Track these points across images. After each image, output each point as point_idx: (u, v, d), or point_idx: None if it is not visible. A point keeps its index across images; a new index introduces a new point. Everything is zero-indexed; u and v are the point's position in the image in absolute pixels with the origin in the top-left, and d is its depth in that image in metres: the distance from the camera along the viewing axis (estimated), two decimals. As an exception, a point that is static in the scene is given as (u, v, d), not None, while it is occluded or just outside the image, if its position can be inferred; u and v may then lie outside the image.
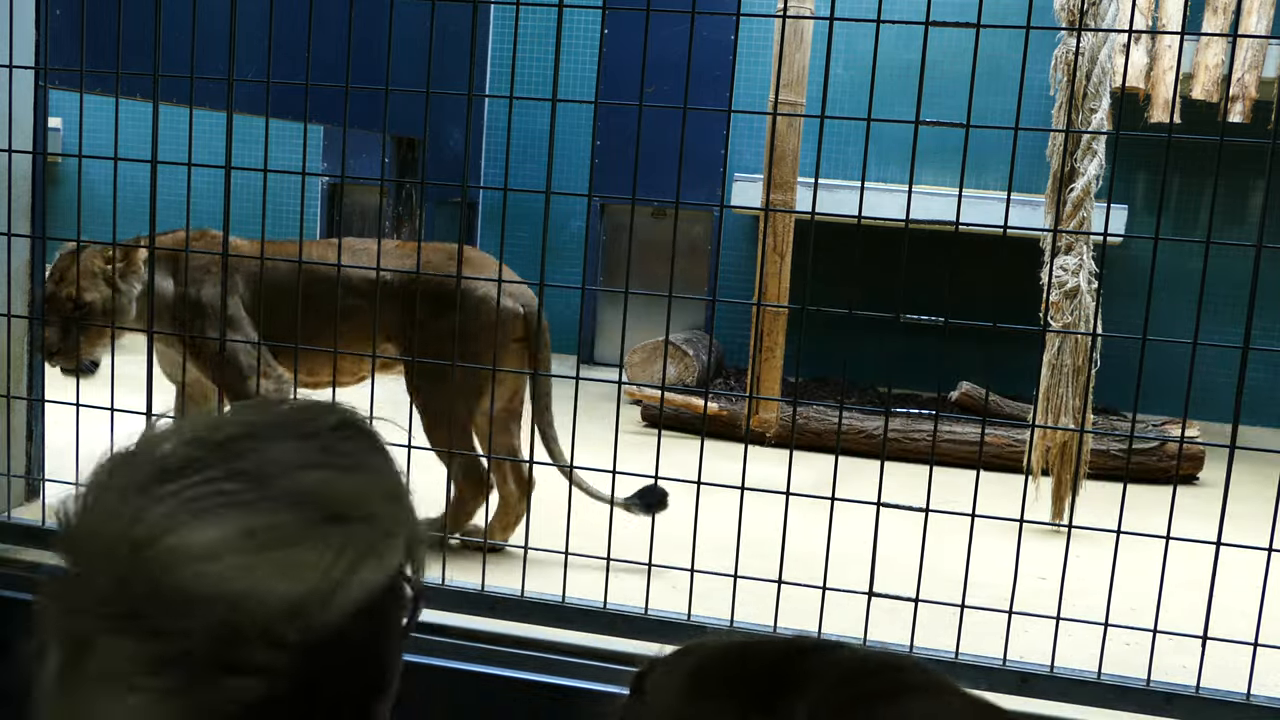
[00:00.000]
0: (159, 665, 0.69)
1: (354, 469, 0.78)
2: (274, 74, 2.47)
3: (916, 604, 2.29)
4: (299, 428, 0.80)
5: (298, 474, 0.75)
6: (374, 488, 0.79)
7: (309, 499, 0.74)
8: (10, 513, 3.10)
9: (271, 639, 0.69)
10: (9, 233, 3.16)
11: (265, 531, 0.71)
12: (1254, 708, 2.24)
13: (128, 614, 0.70)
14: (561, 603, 2.47)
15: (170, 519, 0.72)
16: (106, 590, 0.71)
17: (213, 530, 0.71)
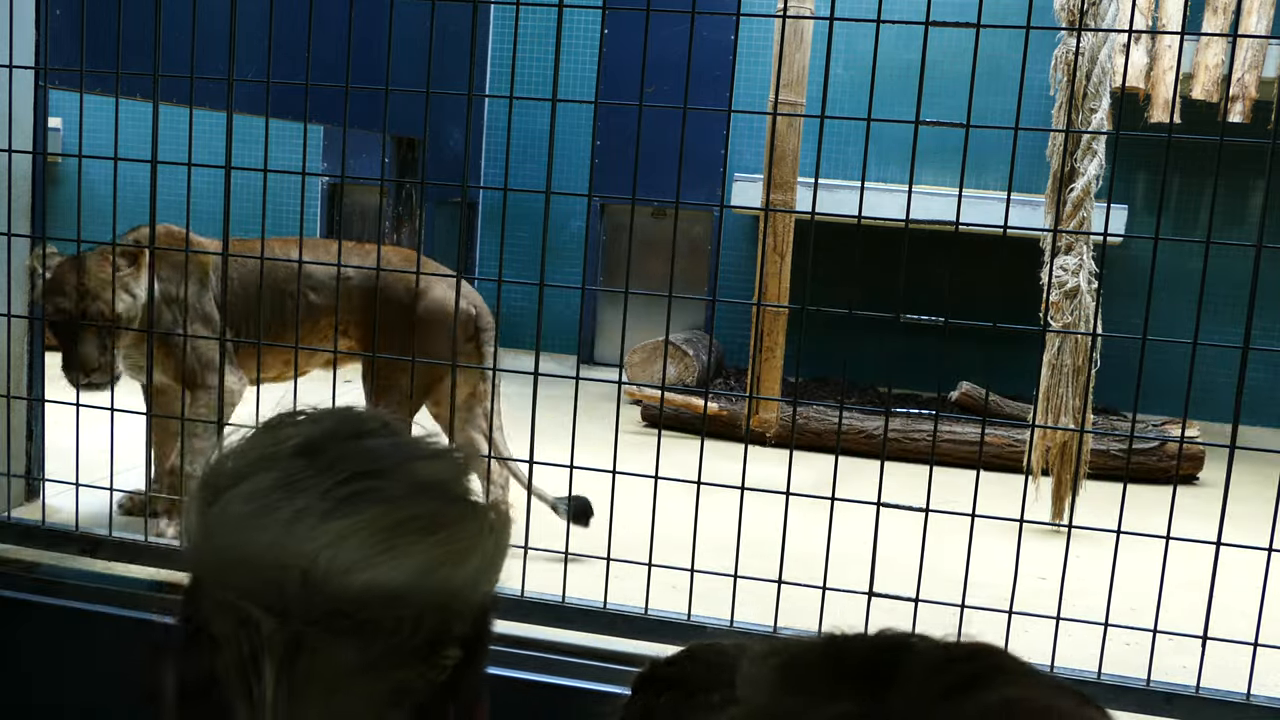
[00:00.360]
0: (384, 656, 0.75)
1: (438, 456, 0.84)
2: (274, 74, 2.47)
3: (916, 604, 2.29)
4: (361, 425, 0.85)
5: (406, 465, 0.81)
6: (460, 471, 0.85)
7: (427, 486, 0.80)
8: (10, 513, 3.10)
9: (459, 613, 0.77)
10: (9, 233, 3.16)
11: (412, 521, 0.77)
12: (1254, 708, 2.24)
13: (331, 618, 0.74)
14: (561, 603, 2.47)
15: (316, 535, 0.75)
16: (298, 601, 0.75)
17: (361, 534, 0.75)
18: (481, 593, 0.80)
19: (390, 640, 0.74)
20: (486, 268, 9.78)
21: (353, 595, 0.74)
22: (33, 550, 2.70)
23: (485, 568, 0.80)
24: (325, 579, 0.74)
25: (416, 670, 0.75)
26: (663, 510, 2.53)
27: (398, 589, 0.74)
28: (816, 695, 0.61)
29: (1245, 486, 2.76)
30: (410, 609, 0.75)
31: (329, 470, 0.79)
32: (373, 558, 0.74)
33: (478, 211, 9.95)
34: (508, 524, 0.84)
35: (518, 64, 2.43)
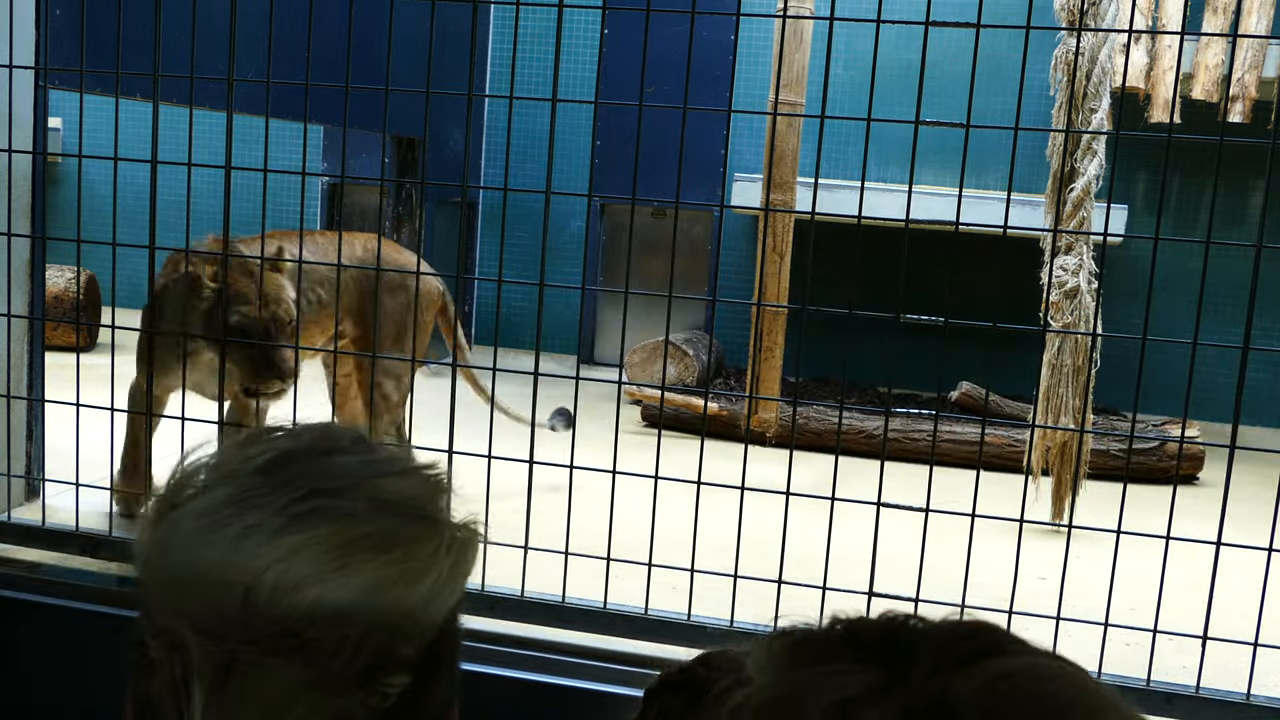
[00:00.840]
0: (323, 679, 0.72)
1: (407, 473, 0.81)
2: (274, 74, 2.47)
3: (917, 604, 2.29)
4: (333, 443, 0.83)
5: (370, 482, 0.78)
6: (433, 488, 0.82)
7: (389, 503, 0.77)
8: (10, 513, 3.10)
9: (409, 635, 0.74)
10: (9, 233, 3.16)
11: (365, 539, 0.74)
12: (1254, 708, 2.24)
13: (274, 639, 0.72)
14: (561, 603, 2.47)
15: (264, 551, 0.73)
16: (238, 622, 0.73)
17: (313, 550, 0.73)
18: (436, 614, 0.76)
19: (330, 662, 0.71)
20: (486, 268, 9.78)
21: (299, 613, 0.72)
22: (33, 550, 2.71)
23: (440, 589, 0.76)
24: (271, 596, 0.72)
25: (356, 696, 0.72)
26: (663, 510, 2.53)
27: (345, 607, 0.72)
28: (836, 668, 0.63)
29: (1245, 486, 2.76)
30: (356, 628, 0.72)
31: (286, 487, 0.77)
32: (322, 575, 0.72)
33: (478, 211, 9.95)
34: (471, 544, 0.80)
35: (518, 64, 2.43)
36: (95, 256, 8.03)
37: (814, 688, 0.62)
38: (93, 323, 8.21)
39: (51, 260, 8.48)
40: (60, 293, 8.00)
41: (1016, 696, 0.60)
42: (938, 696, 0.59)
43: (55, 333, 7.39)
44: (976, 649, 0.63)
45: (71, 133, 9.57)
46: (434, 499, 0.81)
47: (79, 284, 3.20)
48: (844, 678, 0.62)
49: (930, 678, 0.60)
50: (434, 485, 0.82)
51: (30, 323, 3.52)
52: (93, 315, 8.27)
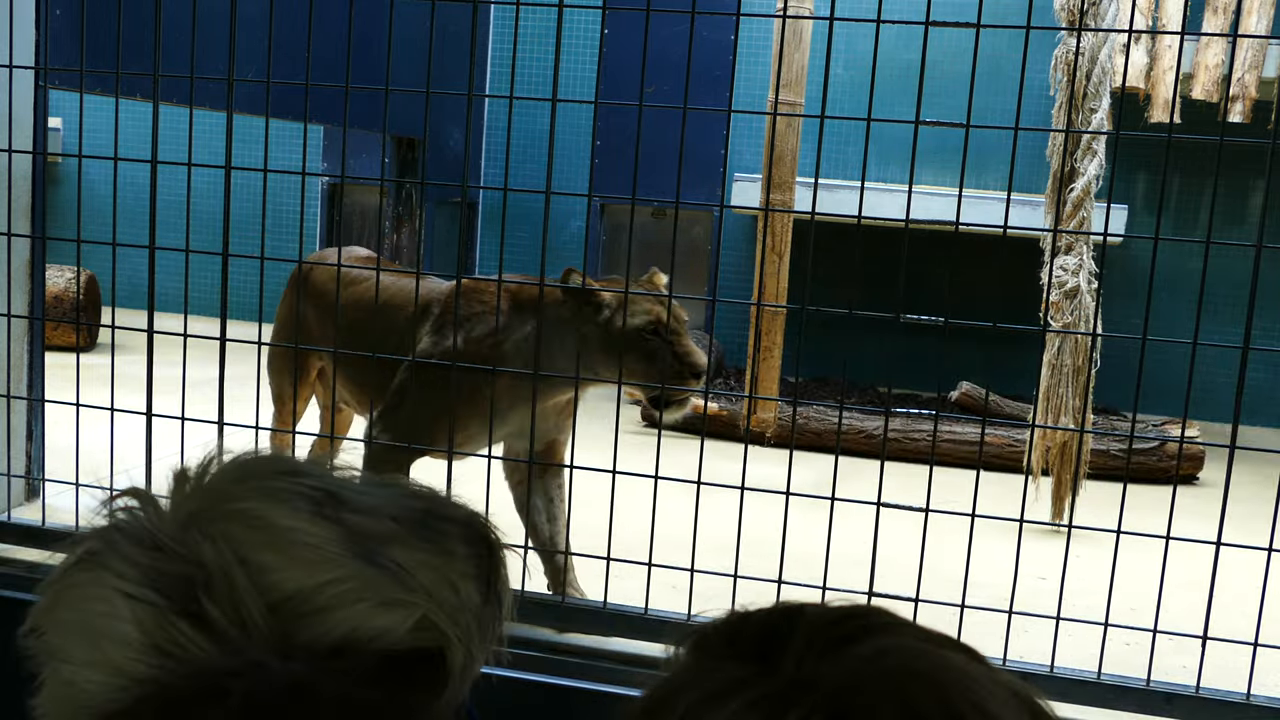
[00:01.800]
0: (146, 577, 0.72)
1: (430, 542, 0.79)
2: (274, 74, 2.47)
3: (916, 604, 2.29)
4: (424, 501, 0.83)
5: (377, 518, 0.78)
6: (434, 563, 0.78)
7: (363, 536, 0.76)
8: (10, 513, 3.10)
9: (239, 612, 0.71)
10: (9, 233, 3.16)
11: (305, 534, 0.74)
12: (1254, 708, 2.24)
13: (157, 532, 0.74)
14: (562, 603, 2.47)
15: (254, 493, 0.76)
16: (160, 517, 0.77)
17: (275, 511, 0.75)
18: (300, 628, 0.73)
19: (171, 568, 0.74)
20: (486, 268, 9.78)
21: (193, 530, 0.76)
22: (33, 550, 2.70)
23: (314, 608, 0.73)
24: (201, 513, 0.77)
25: (170, 628, 0.72)
26: (663, 510, 2.53)
27: (223, 547, 0.75)
28: (714, 663, 0.65)
29: (1245, 486, 2.76)
30: (202, 559, 0.74)
31: (321, 480, 0.80)
32: (242, 521, 0.76)
33: (478, 211, 9.95)
34: (396, 609, 0.75)
35: (518, 64, 2.43)
36: (95, 256, 8.02)
37: (685, 685, 0.65)
38: (93, 323, 8.21)
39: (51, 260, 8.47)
40: (60, 293, 8.00)
41: (879, 678, 0.60)
42: (798, 684, 0.60)
43: (55, 333, 7.39)
44: (849, 631, 0.64)
45: (71, 133, 9.57)
46: (420, 569, 0.77)
47: (79, 284, 3.20)
48: (713, 674, 0.64)
49: (799, 666, 0.62)
50: (447, 574, 0.79)
51: (30, 323, 3.52)
52: (93, 315, 8.27)
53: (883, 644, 0.63)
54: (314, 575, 0.73)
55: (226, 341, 2.65)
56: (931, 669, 0.62)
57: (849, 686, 0.60)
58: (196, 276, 2.71)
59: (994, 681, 0.63)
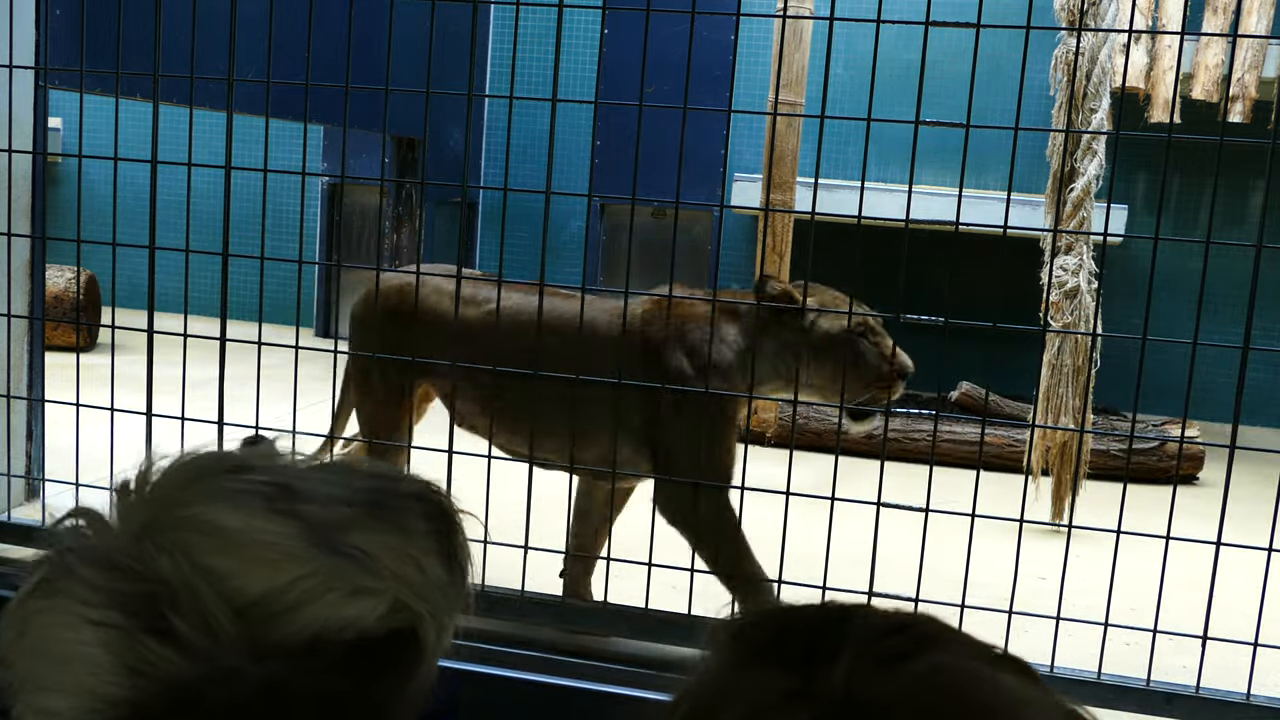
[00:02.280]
0: (108, 599, 0.71)
1: (388, 522, 0.79)
2: (274, 74, 2.47)
3: (916, 604, 2.29)
4: (374, 479, 0.82)
5: (330, 505, 0.77)
6: (395, 543, 0.78)
7: (321, 525, 0.75)
8: (10, 513, 3.11)
9: (207, 620, 0.70)
10: (9, 233, 3.16)
11: (263, 533, 0.73)
12: (1254, 708, 2.24)
13: (112, 551, 0.73)
14: (561, 603, 2.47)
15: (203, 495, 0.75)
16: (112, 534, 0.74)
17: (229, 514, 0.74)
18: (267, 626, 0.72)
19: (125, 588, 0.73)
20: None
21: (148, 544, 0.74)
22: (33, 550, 2.70)
23: (281, 606, 0.73)
24: (155, 520, 0.76)
25: (136, 650, 0.71)
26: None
27: (175, 556, 0.74)
28: (755, 670, 0.62)
29: (1245, 486, 2.76)
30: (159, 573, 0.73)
31: (272, 474, 0.79)
32: (195, 529, 0.75)
33: (478, 211, 9.95)
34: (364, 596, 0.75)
35: (518, 64, 2.43)
36: (95, 256, 8.02)
37: (730, 694, 0.62)
38: (93, 323, 8.21)
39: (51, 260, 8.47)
40: (60, 293, 8.00)
41: (932, 702, 0.58)
42: (849, 706, 0.58)
43: (55, 333, 7.39)
44: (902, 646, 0.62)
45: (71, 133, 9.57)
46: (383, 552, 0.77)
47: (79, 284, 3.20)
48: (759, 685, 0.61)
49: (849, 679, 0.59)
50: (409, 550, 0.79)
51: (30, 323, 3.52)
52: (93, 315, 8.27)
53: (937, 662, 0.61)
54: (279, 574, 0.72)
55: (226, 341, 2.65)
56: (986, 694, 0.60)
57: (901, 710, 0.58)
58: (196, 276, 2.71)
59: (1049, 705, 0.61)
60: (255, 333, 2.74)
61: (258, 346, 2.63)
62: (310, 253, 9.72)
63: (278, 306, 9.41)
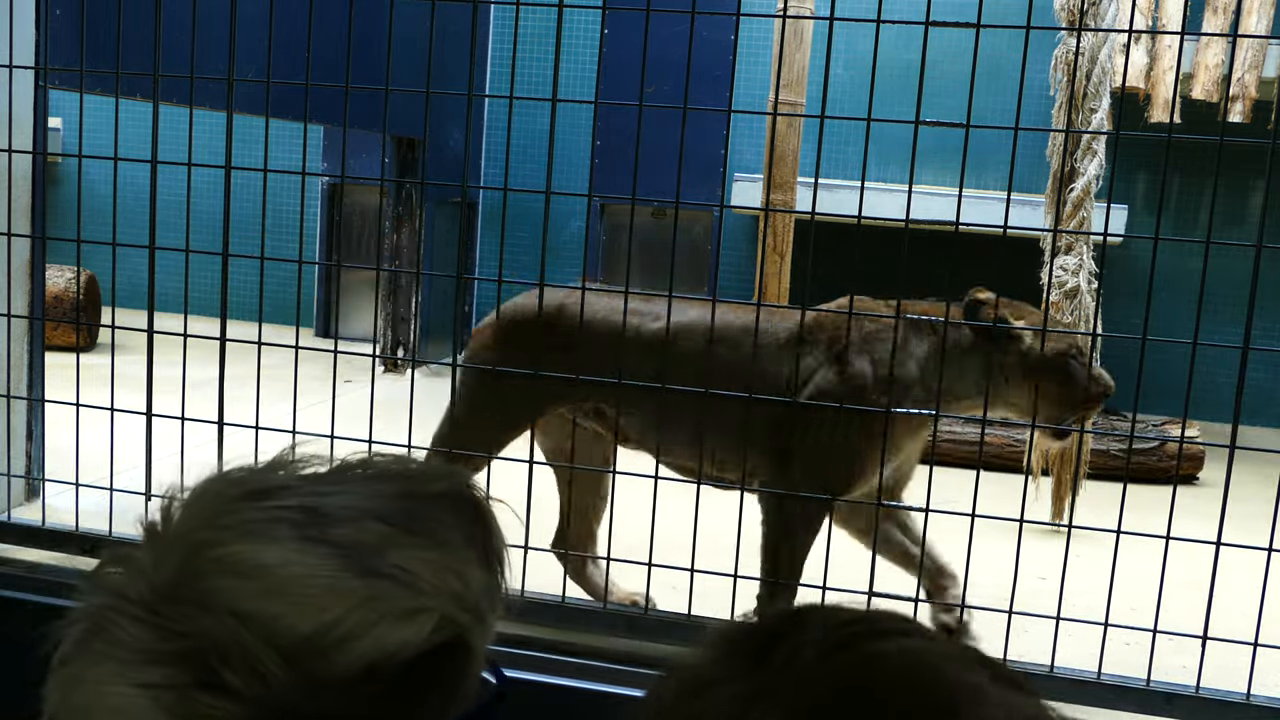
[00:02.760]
0: (154, 658, 0.70)
1: (422, 534, 0.77)
2: (274, 74, 2.47)
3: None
4: (400, 483, 0.80)
5: (362, 523, 0.75)
6: (434, 557, 0.77)
7: (358, 549, 0.74)
8: (10, 513, 3.10)
9: (257, 668, 0.70)
10: (9, 233, 3.16)
11: (300, 566, 0.72)
12: (1254, 708, 2.24)
13: (151, 604, 0.72)
14: (561, 603, 2.47)
15: (232, 532, 0.73)
16: (147, 582, 0.73)
17: (263, 550, 0.72)
18: (316, 663, 0.71)
19: (169, 647, 0.71)
20: (486, 268, 9.78)
21: (188, 594, 0.73)
22: (33, 550, 2.71)
23: (332, 641, 0.72)
24: (192, 571, 0.75)
25: (185, 704, 0.70)
26: (663, 510, 2.53)
27: (218, 606, 0.73)
28: (725, 659, 0.65)
29: (1245, 486, 2.76)
30: (204, 629, 0.72)
31: (296, 496, 0.78)
32: (229, 573, 0.74)
33: (478, 211, 9.95)
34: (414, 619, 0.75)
35: (518, 64, 2.43)
36: (95, 256, 8.02)
37: (673, 679, 0.67)
38: (93, 323, 8.21)
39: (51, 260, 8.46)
40: (60, 293, 8.00)
41: (873, 680, 0.58)
42: (773, 685, 0.61)
43: (55, 333, 7.38)
44: (846, 637, 0.62)
45: (71, 133, 9.57)
46: (424, 568, 0.76)
47: (79, 284, 3.19)
48: (720, 691, 0.63)
49: (795, 678, 0.60)
50: (450, 562, 0.78)
51: (30, 323, 3.52)
52: (93, 315, 8.27)
53: (872, 650, 0.61)
54: (326, 611, 0.71)
55: (226, 341, 2.65)
56: (927, 679, 0.59)
57: (843, 692, 0.58)
58: (196, 276, 2.71)
59: (1011, 707, 0.59)
60: (255, 333, 2.74)
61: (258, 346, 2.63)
62: (310, 253, 9.72)
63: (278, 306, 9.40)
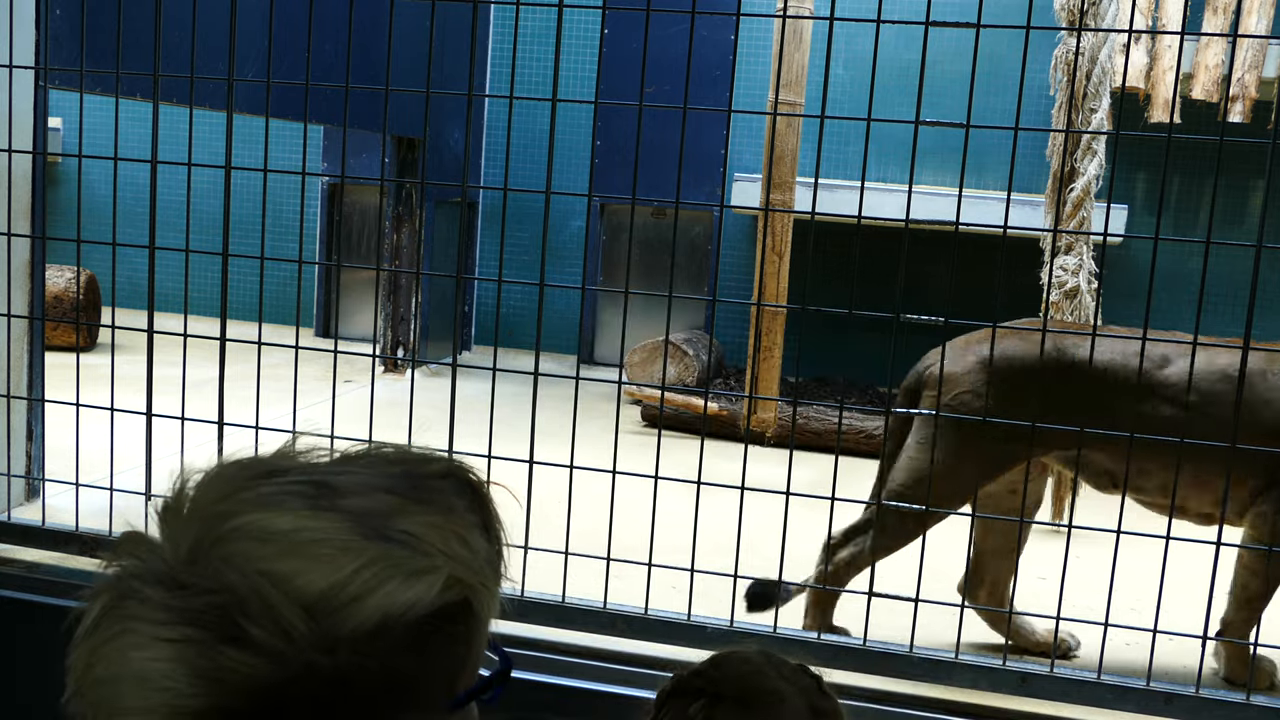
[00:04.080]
0: (179, 617, 0.73)
1: (428, 503, 0.81)
2: (274, 74, 2.47)
3: (916, 604, 2.29)
4: (402, 464, 0.85)
5: (371, 494, 0.80)
6: (440, 522, 0.81)
7: (368, 515, 0.78)
8: (10, 513, 3.10)
9: (280, 625, 0.73)
10: (9, 233, 3.16)
11: (313, 531, 0.76)
12: (1254, 708, 2.24)
13: (172, 571, 0.75)
14: (561, 603, 2.47)
15: (247, 504, 0.78)
16: (166, 555, 0.76)
17: (277, 518, 0.76)
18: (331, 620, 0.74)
19: (192, 604, 0.74)
20: (486, 268, 9.78)
21: (207, 559, 0.76)
22: (33, 550, 2.71)
23: (345, 599, 0.76)
24: (210, 540, 0.77)
25: (212, 659, 0.73)
26: (663, 510, 2.53)
27: (236, 568, 0.76)
28: None
29: (1245, 486, 2.75)
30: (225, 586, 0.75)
31: (311, 473, 0.82)
32: (246, 538, 0.77)
33: (478, 211, 9.95)
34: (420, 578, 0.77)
35: (518, 64, 2.43)
36: (95, 256, 8.03)
37: None
38: (93, 323, 8.22)
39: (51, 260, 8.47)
40: (60, 293, 8.00)
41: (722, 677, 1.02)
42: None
43: (55, 333, 7.39)
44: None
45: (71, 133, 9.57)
46: (429, 532, 0.80)
47: (79, 284, 3.19)
48: None
49: None
50: (453, 528, 0.82)
51: (30, 323, 3.52)
52: (93, 315, 8.28)
53: (719, 657, 1.01)
54: (338, 569, 0.75)
55: (226, 341, 2.65)
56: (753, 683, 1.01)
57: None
58: (196, 276, 2.71)
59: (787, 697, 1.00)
60: (255, 333, 2.74)
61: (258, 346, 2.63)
62: (310, 253, 9.72)
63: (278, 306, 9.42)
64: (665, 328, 2.63)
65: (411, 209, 8.37)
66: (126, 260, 7.11)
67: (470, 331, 9.96)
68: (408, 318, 8.49)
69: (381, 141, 5.14)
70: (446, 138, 8.58)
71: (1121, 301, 7.85)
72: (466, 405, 2.72)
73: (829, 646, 2.21)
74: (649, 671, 2.20)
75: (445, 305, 9.25)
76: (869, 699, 2.07)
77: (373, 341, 4.96)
